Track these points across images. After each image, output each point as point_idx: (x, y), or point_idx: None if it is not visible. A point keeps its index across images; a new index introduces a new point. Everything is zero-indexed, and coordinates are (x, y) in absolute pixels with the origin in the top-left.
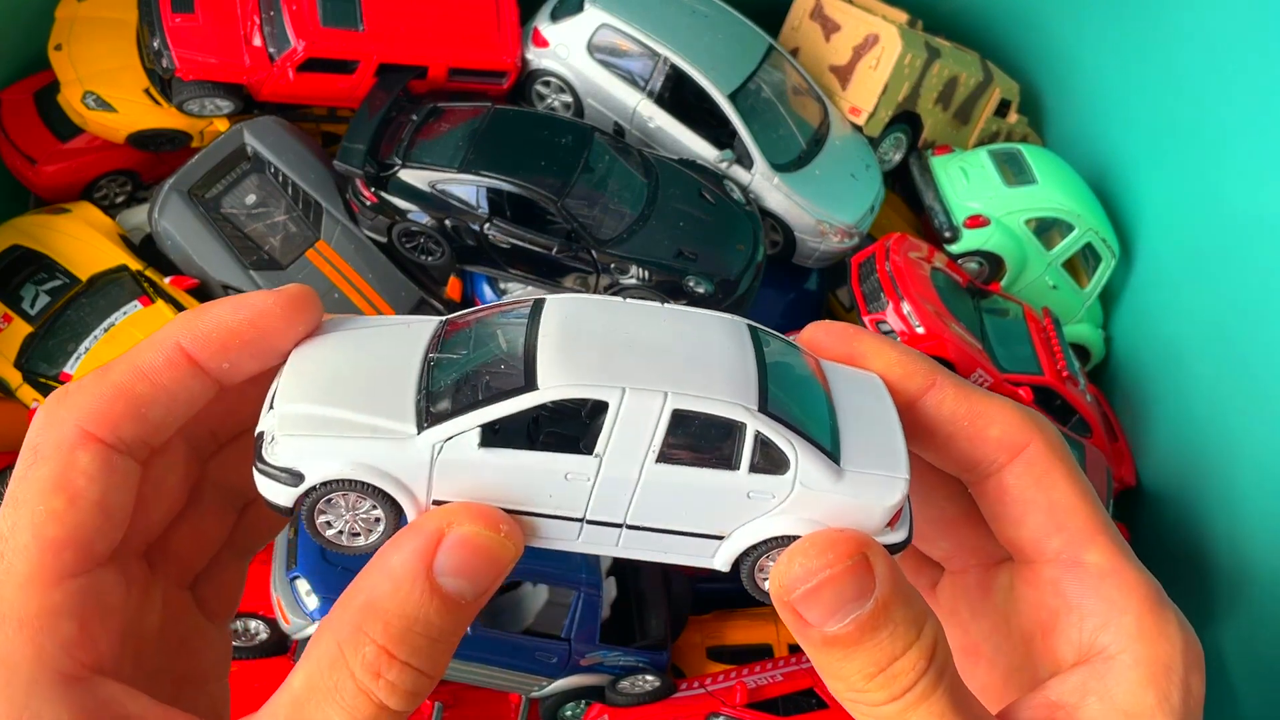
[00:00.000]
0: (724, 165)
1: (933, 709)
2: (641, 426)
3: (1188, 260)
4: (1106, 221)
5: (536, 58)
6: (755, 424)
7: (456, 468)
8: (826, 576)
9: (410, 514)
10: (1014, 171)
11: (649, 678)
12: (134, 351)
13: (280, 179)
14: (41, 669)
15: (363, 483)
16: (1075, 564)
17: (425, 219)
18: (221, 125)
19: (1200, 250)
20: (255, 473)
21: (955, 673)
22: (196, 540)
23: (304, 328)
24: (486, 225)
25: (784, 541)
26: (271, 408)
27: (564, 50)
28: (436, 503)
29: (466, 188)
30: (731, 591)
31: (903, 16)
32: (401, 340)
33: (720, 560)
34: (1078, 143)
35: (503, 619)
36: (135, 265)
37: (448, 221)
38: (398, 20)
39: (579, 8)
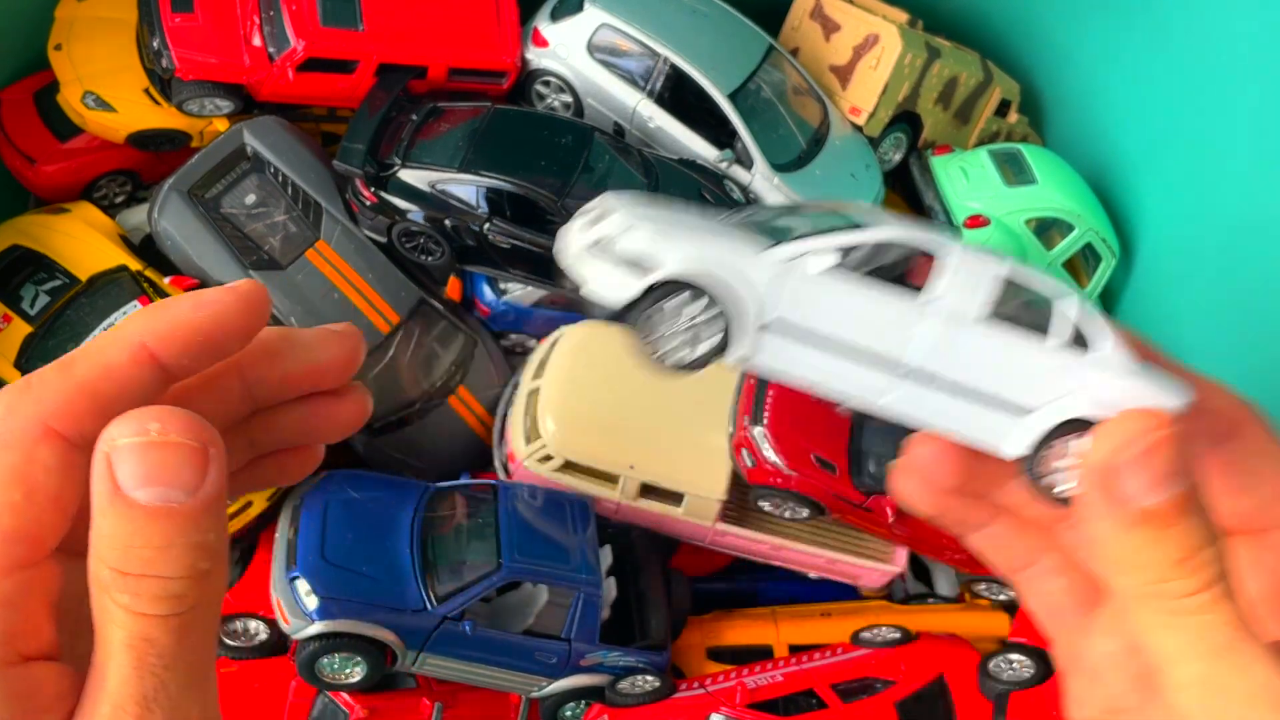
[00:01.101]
0: (724, 165)
1: (1236, 611)
2: (977, 279)
3: (1187, 260)
4: (1106, 221)
5: (536, 57)
6: (1072, 299)
7: (803, 290)
8: (1163, 437)
9: (744, 332)
10: (1014, 171)
11: (649, 678)
12: (97, 347)
13: (280, 179)
14: None
15: (714, 279)
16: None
17: (425, 219)
18: (221, 125)
19: (1200, 250)
20: (585, 267)
21: None
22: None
23: (258, 326)
24: (486, 225)
25: (1082, 426)
26: (595, 223)
27: (564, 50)
28: (761, 327)
29: (466, 188)
30: (731, 592)
31: (903, 16)
32: None
33: (1014, 441)
34: (1078, 143)
35: (503, 619)
36: (135, 265)
37: (448, 221)
38: (397, 20)
39: (579, 7)
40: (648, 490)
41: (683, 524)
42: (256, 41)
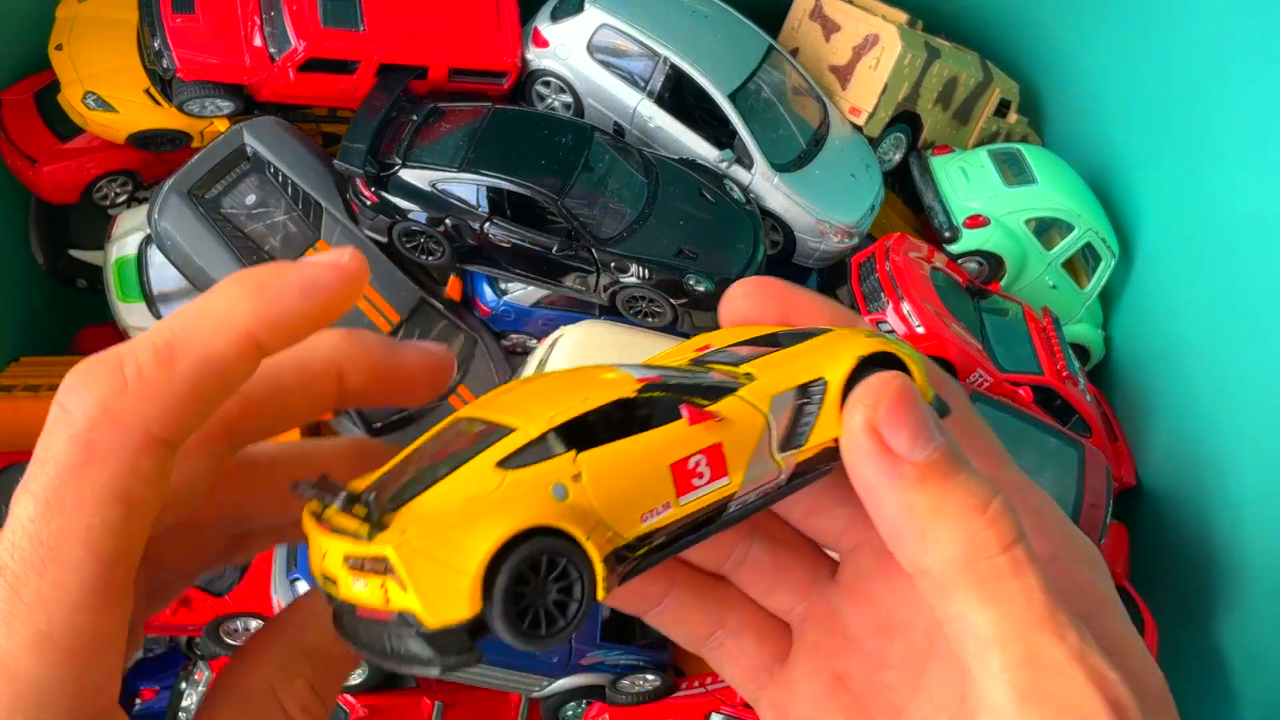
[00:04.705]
0: (724, 165)
1: (1045, 576)
2: None
3: (1187, 260)
4: (1106, 221)
5: (537, 58)
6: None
7: None
8: (900, 387)
9: None
10: (1014, 171)
11: (649, 677)
12: (202, 337)
13: (280, 179)
14: (79, 705)
15: None
16: (995, 480)
17: (425, 218)
18: (222, 125)
19: (1199, 250)
20: None
21: None
22: (194, 557)
23: (353, 303)
24: (487, 225)
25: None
26: None
27: (564, 50)
28: None
29: (467, 187)
30: None
31: (902, 16)
32: None
33: None
34: (1077, 143)
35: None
36: None
37: (448, 221)
38: (398, 21)
39: (579, 8)
40: None
41: None
42: (257, 42)
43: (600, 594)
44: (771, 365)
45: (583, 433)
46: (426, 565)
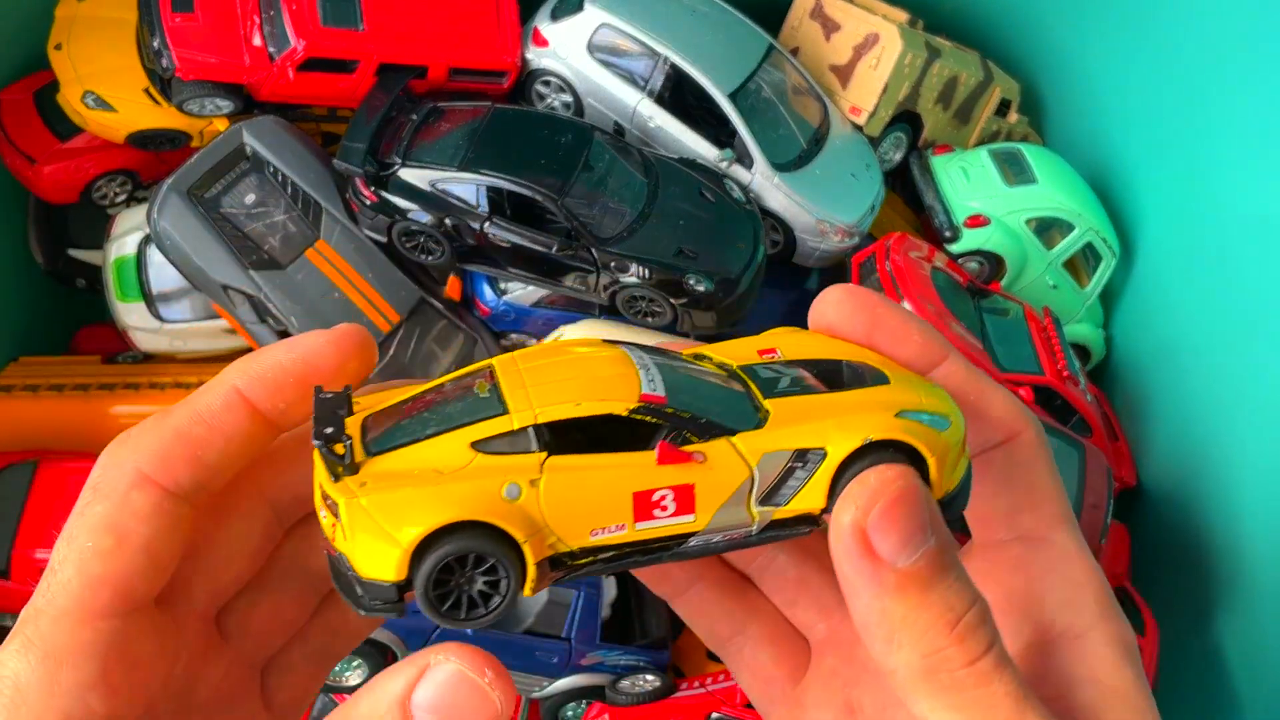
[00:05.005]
0: (724, 165)
1: (1016, 680)
2: None
3: (1188, 260)
4: (1107, 221)
5: (536, 57)
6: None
7: None
8: (900, 490)
9: None
10: (1014, 171)
11: (649, 677)
12: (193, 396)
13: (279, 178)
14: (52, 704)
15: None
16: (1044, 541)
17: (425, 218)
18: (221, 125)
19: (1201, 250)
20: None
21: None
22: (272, 618)
23: (357, 367)
24: (486, 224)
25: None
26: None
27: (564, 50)
28: None
29: (466, 187)
30: None
31: (903, 16)
32: None
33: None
34: (1078, 142)
35: (503, 619)
36: None
37: (448, 220)
38: (398, 20)
39: (579, 7)
40: None
41: None
42: (257, 41)
43: (527, 592)
44: (792, 411)
45: (562, 436)
46: (367, 526)
